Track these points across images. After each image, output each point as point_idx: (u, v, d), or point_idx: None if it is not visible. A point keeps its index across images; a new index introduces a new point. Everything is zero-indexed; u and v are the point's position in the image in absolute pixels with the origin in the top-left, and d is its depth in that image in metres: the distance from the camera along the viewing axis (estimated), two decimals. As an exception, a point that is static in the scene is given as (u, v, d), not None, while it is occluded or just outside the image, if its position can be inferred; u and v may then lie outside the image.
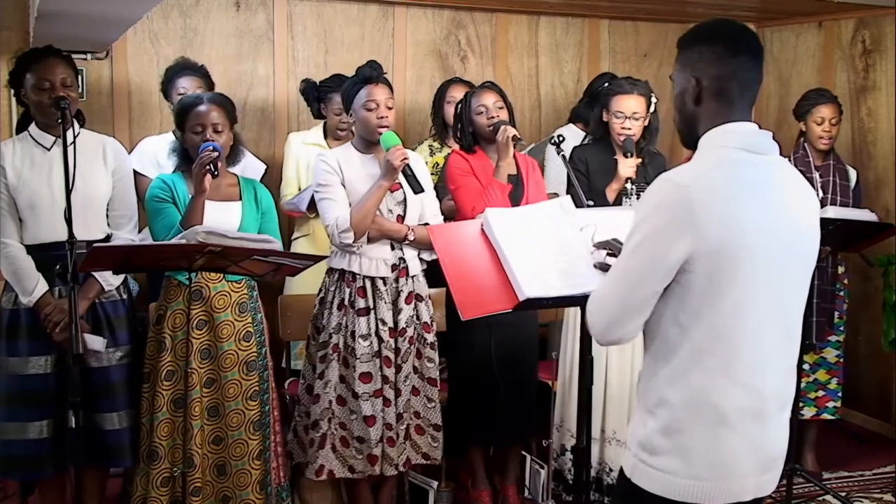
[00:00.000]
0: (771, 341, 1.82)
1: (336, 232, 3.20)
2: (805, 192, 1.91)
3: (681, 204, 1.74)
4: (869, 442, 4.69)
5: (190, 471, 3.01)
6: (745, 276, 1.75)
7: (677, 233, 1.73)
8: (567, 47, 5.28)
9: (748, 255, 1.75)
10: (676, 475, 1.81)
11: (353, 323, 3.27)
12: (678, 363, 1.80)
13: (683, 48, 1.91)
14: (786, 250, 1.81)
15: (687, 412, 1.80)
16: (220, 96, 3.22)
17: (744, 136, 1.82)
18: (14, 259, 3.06)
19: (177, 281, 3.07)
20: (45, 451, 3.07)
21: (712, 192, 1.75)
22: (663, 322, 1.82)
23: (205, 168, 2.95)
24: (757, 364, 1.80)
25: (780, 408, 1.87)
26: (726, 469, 1.81)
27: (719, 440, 1.80)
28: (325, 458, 3.30)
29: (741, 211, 1.75)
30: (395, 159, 3.14)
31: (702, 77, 1.85)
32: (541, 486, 3.62)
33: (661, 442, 1.82)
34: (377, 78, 3.27)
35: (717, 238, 1.73)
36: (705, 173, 1.80)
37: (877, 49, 4.79)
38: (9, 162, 3.07)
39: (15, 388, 3.07)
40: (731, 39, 1.85)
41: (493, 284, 2.66)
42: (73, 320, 2.73)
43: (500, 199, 3.39)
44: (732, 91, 1.83)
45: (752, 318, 1.78)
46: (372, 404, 3.26)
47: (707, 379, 1.78)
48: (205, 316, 3.09)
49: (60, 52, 3.11)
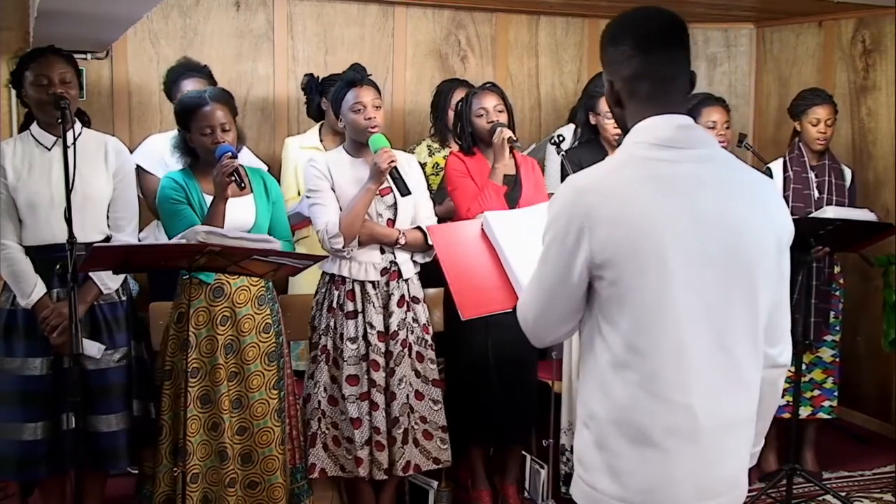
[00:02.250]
0: (699, 353, 1.64)
1: (326, 237, 3.23)
2: (753, 187, 1.74)
3: (578, 208, 1.65)
4: (869, 442, 4.69)
5: (224, 464, 3.06)
6: (655, 282, 1.62)
7: (576, 239, 1.64)
8: (567, 47, 5.28)
9: (656, 260, 1.61)
10: (605, 494, 1.69)
11: (341, 325, 3.30)
12: (601, 375, 1.69)
13: (600, 47, 1.78)
14: (716, 253, 1.65)
15: (612, 428, 1.67)
16: (221, 92, 3.21)
17: (658, 132, 1.69)
18: (13, 261, 3.05)
19: (197, 280, 3.06)
20: (39, 452, 3.06)
21: (610, 195, 1.64)
22: (587, 330, 1.73)
23: (229, 178, 2.96)
24: (681, 379, 1.63)
25: (724, 427, 1.68)
26: (657, 493, 1.66)
27: (647, 461, 1.65)
28: (315, 456, 3.33)
29: (645, 212, 1.62)
30: (382, 162, 3.15)
31: (614, 80, 1.75)
32: (541, 486, 3.62)
33: (593, 457, 1.71)
34: (362, 80, 3.29)
35: (617, 243, 1.61)
36: (607, 174, 1.71)
37: (877, 49, 4.79)
38: (9, 161, 3.07)
39: (10, 389, 3.07)
40: (638, 35, 1.71)
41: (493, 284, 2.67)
42: (72, 320, 2.73)
43: (495, 201, 3.39)
44: (648, 88, 1.70)
45: (670, 327, 1.62)
46: (358, 407, 3.28)
47: (628, 394, 1.65)
48: (228, 312, 3.11)
49: (61, 50, 3.11)
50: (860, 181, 4.50)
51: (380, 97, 3.32)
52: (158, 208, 3.20)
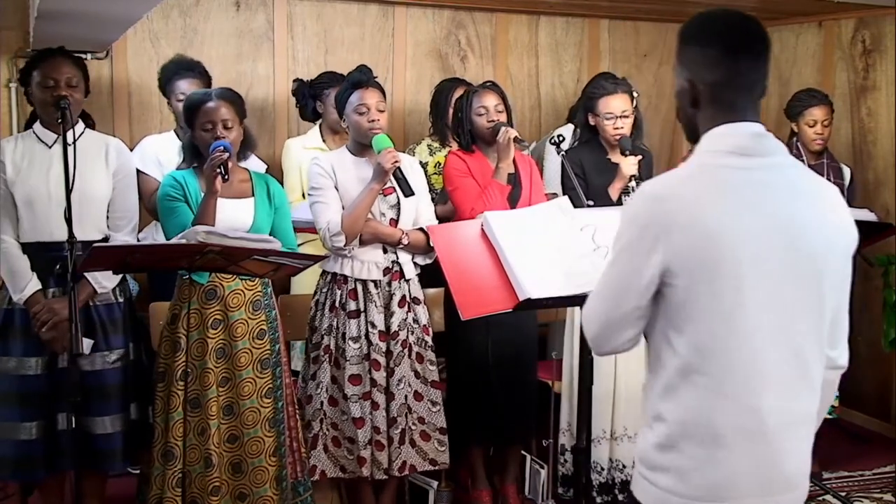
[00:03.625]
0: (771, 357, 1.69)
1: (327, 236, 3.23)
2: (821, 193, 1.77)
3: (653, 217, 1.68)
4: (869, 442, 4.69)
5: (208, 471, 3.01)
6: (729, 289, 1.65)
7: (650, 247, 1.67)
8: (567, 47, 5.28)
9: (730, 267, 1.65)
10: (672, 493, 1.73)
11: (343, 325, 3.29)
12: (669, 378, 1.73)
13: (681, 42, 1.79)
14: (788, 259, 1.68)
15: (680, 430, 1.72)
16: (229, 91, 3.20)
17: (735, 140, 1.71)
18: (8, 255, 3.06)
19: (190, 280, 3.04)
20: (35, 452, 3.06)
21: (687, 203, 1.67)
22: (655, 335, 1.75)
23: (216, 171, 2.93)
24: (752, 382, 1.68)
25: (789, 425, 1.73)
26: (724, 490, 1.71)
27: (715, 461, 1.70)
28: (316, 458, 3.32)
29: (721, 220, 1.65)
30: (385, 162, 3.15)
31: (696, 81, 1.75)
32: (541, 486, 3.63)
33: (658, 458, 1.76)
34: (367, 82, 3.29)
35: (691, 251, 1.64)
36: (682, 182, 1.73)
37: (877, 49, 4.79)
38: (9, 157, 3.08)
39: (7, 389, 3.07)
40: (727, 40, 1.72)
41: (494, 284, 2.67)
42: (72, 320, 2.73)
43: (498, 200, 3.39)
44: (730, 95, 1.73)
45: (743, 332, 1.67)
46: (361, 406, 3.27)
47: (697, 396, 1.70)
48: (220, 315, 3.07)
49: (71, 53, 3.13)
50: (860, 181, 4.50)
51: (384, 99, 3.33)
52: (158, 206, 3.19)
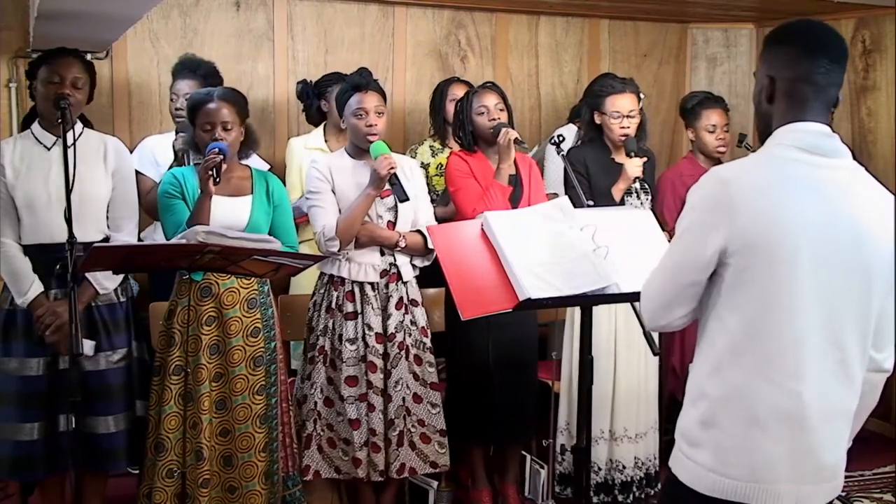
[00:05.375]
0: (814, 345, 1.76)
1: (322, 240, 3.24)
2: (880, 200, 1.87)
3: (720, 197, 1.78)
4: (869, 442, 4.68)
5: (199, 464, 3.03)
6: (783, 274, 1.74)
7: (713, 226, 1.77)
8: (567, 47, 5.28)
9: (787, 254, 1.73)
10: (707, 468, 1.81)
11: (340, 326, 3.29)
12: (717, 357, 1.81)
13: (766, 46, 1.93)
14: (841, 255, 1.77)
15: (722, 407, 1.80)
16: (231, 91, 3.20)
17: (804, 136, 1.81)
18: (10, 259, 3.06)
19: (187, 278, 3.07)
20: (36, 453, 3.07)
21: (753, 188, 1.77)
22: (707, 314, 1.84)
23: (207, 172, 2.94)
24: (795, 366, 1.76)
25: (828, 416, 1.80)
26: (758, 471, 1.78)
27: (752, 440, 1.78)
28: (310, 458, 3.33)
29: (783, 208, 1.75)
30: (381, 169, 3.16)
31: (776, 76, 1.86)
32: (541, 486, 3.63)
33: (699, 434, 1.83)
34: (367, 86, 3.29)
35: (753, 233, 1.74)
36: (751, 169, 1.83)
37: (877, 49, 4.79)
38: (8, 160, 3.08)
39: (9, 390, 3.07)
40: (808, 41, 1.85)
41: (494, 284, 2.67)
42: (72, 321, 2.73)
43: (500, 201, 3.39)
44: (805, 92, 1.83)
45: (791, 318, 1.75)
46: (357, 408, 3.28)
47: (742, 376, 1.78)
48: (214, 312, 3.09)
49: (83, 57, 3.13)
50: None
51: (384, 103, 3.33)
52: (158, 204, 3.19)
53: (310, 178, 3.35)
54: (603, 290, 2.64)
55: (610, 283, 2.63)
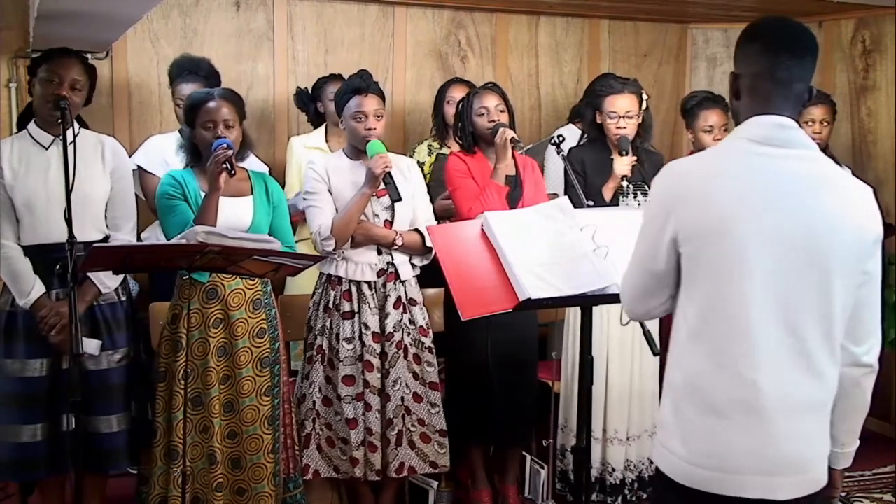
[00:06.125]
0: (769, 334, 1.75)
1: (318, 240, 3.25)
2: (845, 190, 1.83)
3: (671, 189, 1.84)
4: (869, 442, 4.68)
5: (212, 467, 3.03)
6: (733, 262, 1.75)
7: (665, 216, 1.81)
8: (567, 47, 5.28)
9: (736, 241, 1.74)
10: (676, 455, 1.84)
11: (337, 326, 3.30)
12: (679, 345, 1.85)
13: (736, 45, 1.94)
14: (795, 243, 1.75)
15: (684, 396, 1.83)
16: (230, 91, 3.21)
17: (758, 128, 1.82)
18: (11, 260, 3.05)
19: (191, 280, 3.04)
20: (38, 453, 3.06)
21: (698, 178, 1.81)
22: (676, 306, 1.88)
23: (221, 167, 2.94)
24: (749, 355, 1.75)
25: (789, 408, 1.77)
26: (721, 459, 1.79)
27: (712, 429, 1.79)
28: (309, 457, 3.33)
29: (731, 197, 1.76)
30: (376, 167, 3.17)
31: (741, 73, 1.89)
32: (541, 486, 3.62)
33: (670, 420, 1.86)
34: (367, 89, 3.29)
35: (701, 221, 1.77)
36: (700, 160, 1.89)
37: (877, 49, 4.79)
38: (6, 161, 3.07)
39: (10, 391, 3.07)
40: (770, 38, 1.86)
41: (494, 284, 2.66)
42: (72, 320, 2.73)
43: (497, 201, 3.39)
44: (766, 88, 1.84)
45: (743, 306, 1.75)
46: (354, 407, 3.28)
47: (697, 363, 1.80)
48: (221, 314, 3.09)
49: (85, 59, 3.13)
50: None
51: (383, 105, 3.33)
52: (157, 205, 3.19)
53: (306, 178, 3.36)
54: (603, 290, 2.64)
55: (610, 283, 2.63)
